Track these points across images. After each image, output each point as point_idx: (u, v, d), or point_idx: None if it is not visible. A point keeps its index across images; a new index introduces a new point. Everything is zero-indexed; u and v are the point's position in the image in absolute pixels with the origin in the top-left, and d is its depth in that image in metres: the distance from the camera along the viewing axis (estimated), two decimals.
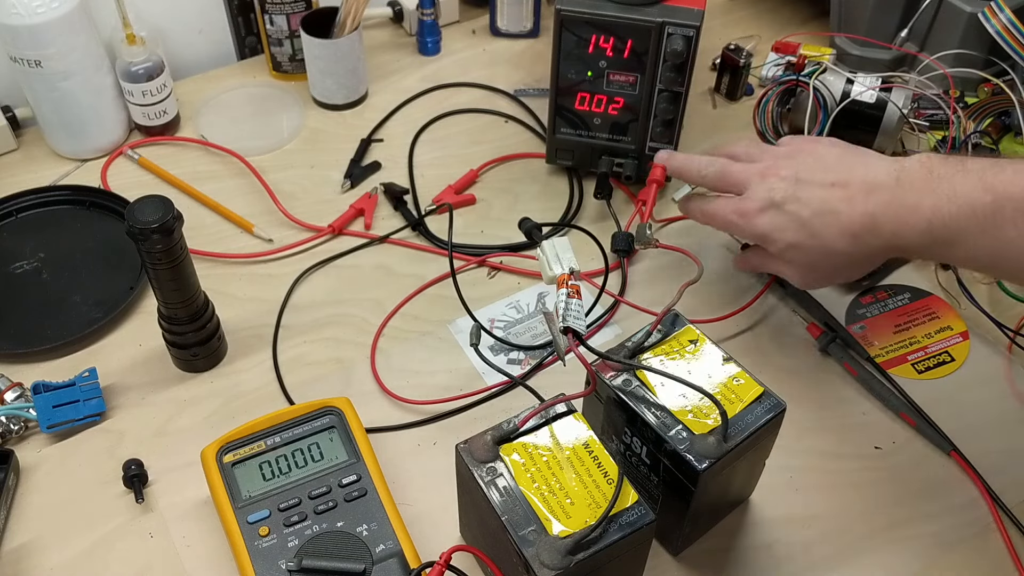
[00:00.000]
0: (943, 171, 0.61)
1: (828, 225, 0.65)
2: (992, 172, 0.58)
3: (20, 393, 0.73)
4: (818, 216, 0.66)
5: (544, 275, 0.64)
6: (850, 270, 0.70)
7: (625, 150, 0.89)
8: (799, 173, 0.68)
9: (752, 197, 0.70)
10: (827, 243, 0.66)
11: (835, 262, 0.68)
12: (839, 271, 0.70)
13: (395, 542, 0.60)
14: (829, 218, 0.65)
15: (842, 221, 0.65)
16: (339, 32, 0.97)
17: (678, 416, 0.58)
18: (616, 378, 0.60)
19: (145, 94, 0.93)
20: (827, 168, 0.67)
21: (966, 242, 0.59)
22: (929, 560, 0.66)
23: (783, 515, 0.68)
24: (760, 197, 0.69)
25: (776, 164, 0.70)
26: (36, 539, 0.66)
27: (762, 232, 0.70)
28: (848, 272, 0.70)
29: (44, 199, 0.89)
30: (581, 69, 0.84)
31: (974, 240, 0.59)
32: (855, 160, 0.67)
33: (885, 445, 0.72)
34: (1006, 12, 0.90)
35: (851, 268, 0.69)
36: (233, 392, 0.75)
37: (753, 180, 0.70)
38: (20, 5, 0.83)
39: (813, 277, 0.71)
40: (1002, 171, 0.58)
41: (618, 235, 0.84)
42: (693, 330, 0.63)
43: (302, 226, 0.88)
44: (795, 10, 1.15)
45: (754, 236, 0.71)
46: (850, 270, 0.70)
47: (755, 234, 0.71)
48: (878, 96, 0.90)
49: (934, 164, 0.62)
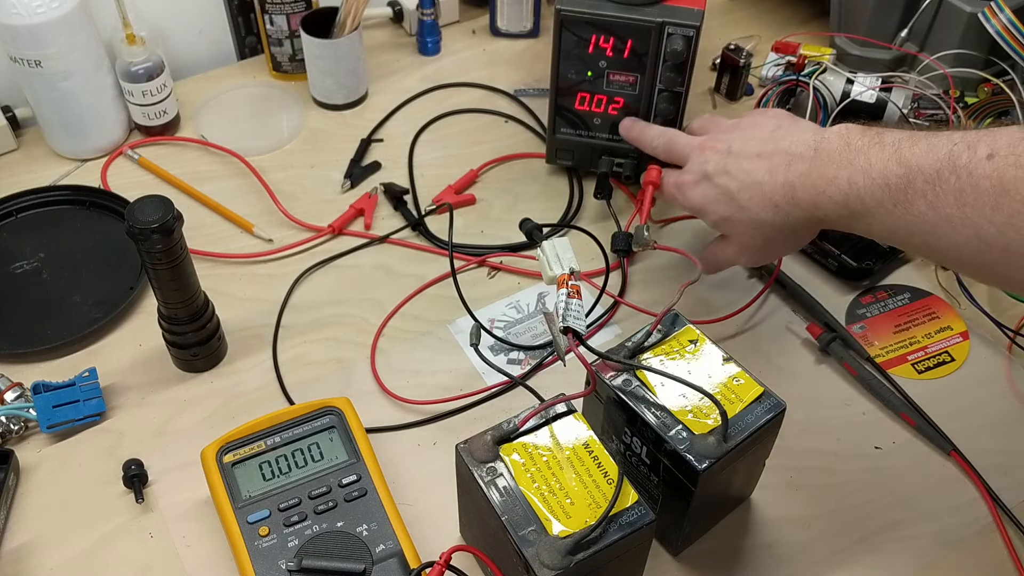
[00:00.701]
0: (860, 143, 0.60)
1: (752, 197, 0.66)
2: (907, 144, 0.57)
3: (20, 393, 0.73)
4: (744, 188, 0.67)
5: (544, 275, 0.64)
6: (784, 243, 0.70)
7: (625, 150, 0.89)
8: (732, 146, 0.69)
9: (689, 170, 0.73)
10: (753, 214, 0.67)
11: (765, 233, 0.68)
12: (773, 244, 0.69)
13: (395, 542, 0.60)
14: (753, 189, 0.66)
15: (764, 191, 0.65)
16: (339, 32, 0.97)
17: (678, 416, 0.58)
18: (616, 378, 0.60)
19: (145, 94, 0.93)
20: (758, 139, 0.68)
21: (881, 215, 0.58)
22: (929, 560, 0.66)
23: (783, 515, 0.68)
24: (695, 170, 0.72)
25: (715, 137, 0.72)
26: (36, 539, 0.66)
27: (697, 204, 0.72)
28: (783, 245, 0.70)
29: (44, 199, 0.89)
30: (581, 69, 0.84)
31: (888, 213, 0.58)
32: (785, 131, 0.67)
33: (885, 445, 0.72)
34: (1006, 12, 0.90)
35: (784, 241, 0.69)
36: (233, 392, 0.75)
37: (693, 153, 0.73)
38: (20, 5, 0.82)
39: (751, 253, 0.71)
40: (915, 144, 0.57)
41: (618, 235, 0.84)
42: (693, 330, 0.63)
43: (302, 226, 0.88)
44: (795, 10, 1.15)
45: (691, 208, 0.73)
46: (784, 243, 0.70)
47: (691, 206, 0.73)
48: (878, 96, 0.90)
49: (852, 136, 0.61)
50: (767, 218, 0.66)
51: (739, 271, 0.85)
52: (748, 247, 0.70)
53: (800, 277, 0.83)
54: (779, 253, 0.76)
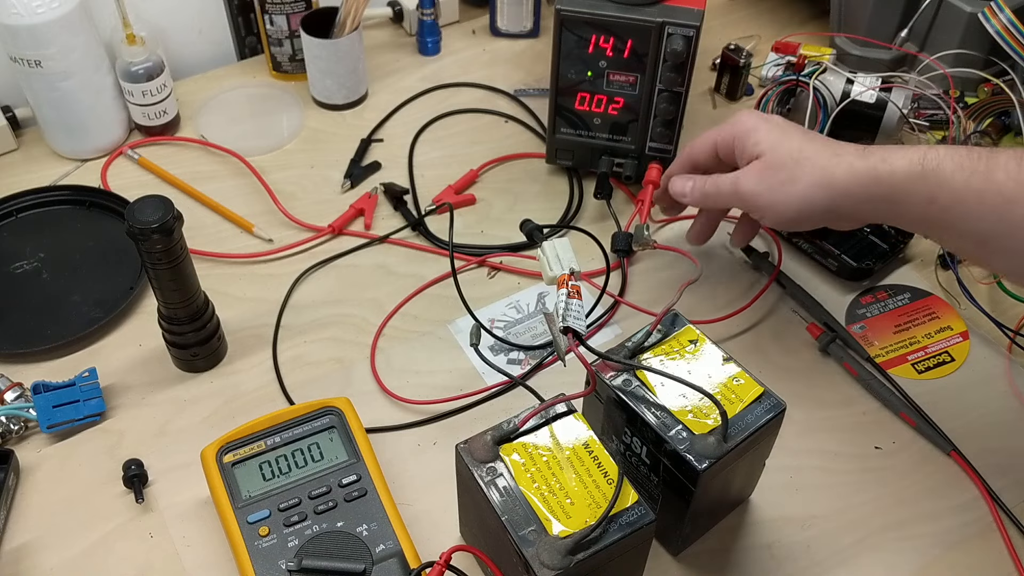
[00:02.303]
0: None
1: (815, 138, 0.68)
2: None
3: (20, 393, 0.73)
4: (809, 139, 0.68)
5: (544, 276, 0.65)
6: (823, 196, 0.66)
7: (625, 150, 0.89)
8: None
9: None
10: (811, 136, 0.68)
11: (809, 173, 0.66)
12: (812, 192, 0.66)
13: (395, 542, 0.60)
14: (819, 138, 0.68)
15: (831, 143, 0.67)
16: (339, 32, 0.97)
17: (678, 416, 0.58)
18: (616, 378, 0.60)
19: (145, 94, 0.93)
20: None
21: (957, 180, 0.60)
22: (929, 560, 0.66)
23: (783, 515, 0.68)
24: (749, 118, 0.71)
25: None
26: (36, 539, 0.66)
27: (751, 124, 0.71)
28: (821, 201, 0.67)
29: (44, 199, 0.89)
30: (581, 69, 0.84)
31: (965, 179, 0.60)
32: None
33: (885, 445, 0.72)
34: (1006, 12, 0.90)
35: (823, 194, 0.66)
36: (233, 392, 0.75)
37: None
38: (20, 5, 0.82)
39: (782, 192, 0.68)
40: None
41: (618, 235, 0.84)
42: (693, 330, 0.63)
43: (302, 226, 0.88)
44: (795, 10, 1.15)
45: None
46: (823, 196, 0.66)
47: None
48: (878, 96, 0.90)
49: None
50: (824, 149, 0.66)
51: (739, 271, 0.85)
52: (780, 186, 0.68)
53: (800, 277, 0.83)
54: (811, 218, 0.69)
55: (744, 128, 0.71)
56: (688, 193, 0.75)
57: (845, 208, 0.65)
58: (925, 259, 0.86)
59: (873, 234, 0.85)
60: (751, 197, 0.69)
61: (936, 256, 0.85)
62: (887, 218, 0.66)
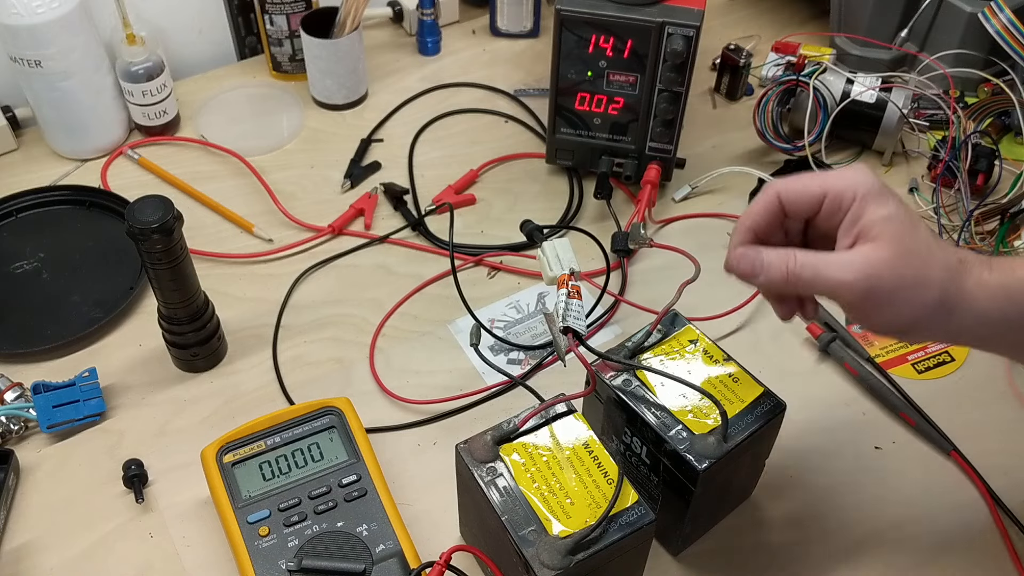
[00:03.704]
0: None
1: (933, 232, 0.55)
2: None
3: (20, 393, 0.72)
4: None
5: (544, 276, 0.65)
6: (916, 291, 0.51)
7: (625, 150, 0.89)
8: None
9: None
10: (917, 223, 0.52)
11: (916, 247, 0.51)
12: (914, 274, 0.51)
13: (395, 542, 0.60)
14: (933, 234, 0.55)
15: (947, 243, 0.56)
16: (339, 32, 0.97)
17: (678, 416, 0.58)
18: (616, 378, 0.60)
19: (145, 94, 0.93)
20: None
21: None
22: (929, 560, 0.66)
23: (783, 515, 0.68)
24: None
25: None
26: (36, 539, 0.66)
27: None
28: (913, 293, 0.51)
29: (44, 199, 0.89)
30: (581, 69, 0.84)
31: None
32: None
33: (885, 445, 0.72)
34: (1006, 12, 0.90)
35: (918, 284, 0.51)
36: (233, 392, 0.75)
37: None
38: (20, 5, 0.82)
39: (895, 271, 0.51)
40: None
41: (618, 235, 0.84)
42: (693, 330, 0.63)
43: (302, 226, 0.88)
44: (795, 10, 1.15)
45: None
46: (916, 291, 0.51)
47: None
48: (878, 96, 0.90)
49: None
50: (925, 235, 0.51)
51: None
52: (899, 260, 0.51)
53: None
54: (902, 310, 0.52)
55: (867, 189, 0.51)
56: (763, 272, 0.53)
57: (968, 330, 0.52)
58: None
59: None
60: (870, 295, 0.50)
61: None
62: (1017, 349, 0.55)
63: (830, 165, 0.90)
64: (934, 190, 0.89)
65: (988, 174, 0.89)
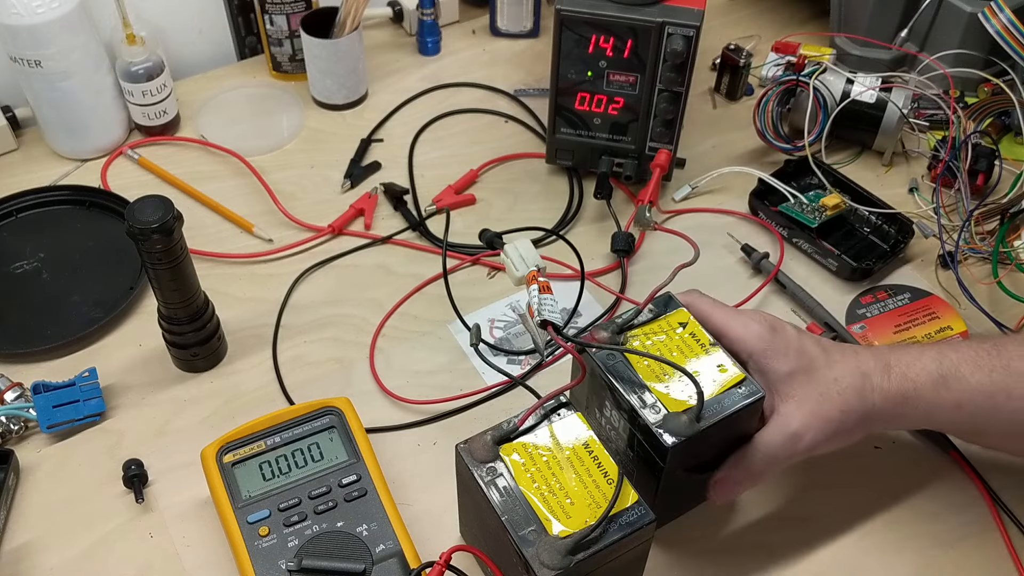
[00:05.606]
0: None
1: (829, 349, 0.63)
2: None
3: (20, 393, 0.73)
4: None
5: (511, 277, 0.65)
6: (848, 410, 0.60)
7: (625, 150, 0.89)
8: None
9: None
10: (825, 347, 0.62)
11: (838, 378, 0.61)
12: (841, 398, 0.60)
13: (395, 542, 0.60)
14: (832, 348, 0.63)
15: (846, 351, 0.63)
16: (339, 32, 0.97)
17: (655, 392, 0.58)
18: (600, 352, 0.60)
19: (145, 94, 0.93)
20: None
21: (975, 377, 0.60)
22: (929, 560, 0.66)
23: (782, 515, 0.68)
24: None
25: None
26: (36, 539, 0.66)
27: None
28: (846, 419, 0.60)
29: (44, 199, 0.89)
30: (581, 69, 0.84)
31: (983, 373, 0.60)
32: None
33: (885, 445, 0.72)
34: (1006, 12, 0.90)
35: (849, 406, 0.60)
36: (233, 392, 0.75)
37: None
38: (20, 5, 0.83)
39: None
40: None
41: (618, 235, 0.84)
42: (685, 313, 0.63)
43: (302, 226, 0.88)
44: (795, 10, 1.15)
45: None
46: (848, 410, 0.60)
47: None
48: (878, 96, 0.90)
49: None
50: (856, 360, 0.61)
51: (739, 271, 0.85)
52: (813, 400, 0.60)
53: (800, 277, 0.83)
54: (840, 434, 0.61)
55: (758, 349, 0.61)
56: (737, 491, 0.63)
57: (881, 429, 0.64)
58: (925, 259, 0.86)
59: (873, 234, 0.85)
60: (808, 442, 0.60)
61: (936, 256, 0.85)
62: (922, 426, 0.66)
63: (830, 165, 0.90)
64: (934, 190, 0.89)
65: (988, 174, 0.89)
